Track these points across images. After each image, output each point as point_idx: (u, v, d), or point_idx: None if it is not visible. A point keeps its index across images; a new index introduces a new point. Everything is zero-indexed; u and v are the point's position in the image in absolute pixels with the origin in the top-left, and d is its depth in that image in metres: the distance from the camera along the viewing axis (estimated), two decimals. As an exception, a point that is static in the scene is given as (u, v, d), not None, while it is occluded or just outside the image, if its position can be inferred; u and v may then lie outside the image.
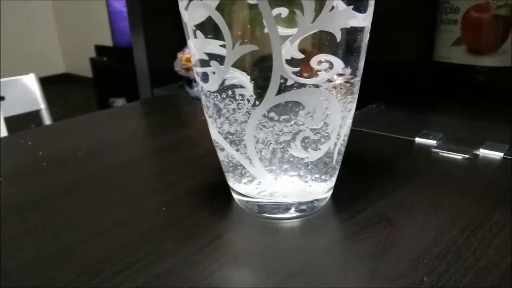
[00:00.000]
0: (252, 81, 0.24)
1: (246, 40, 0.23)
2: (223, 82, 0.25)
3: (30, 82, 0.98)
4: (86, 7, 3.34)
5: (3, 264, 0.25)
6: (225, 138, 0.27)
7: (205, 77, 0.26)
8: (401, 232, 0.26)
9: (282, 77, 0.23)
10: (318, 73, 0.24)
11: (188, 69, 0.62)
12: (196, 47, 0.25)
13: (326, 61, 0.24)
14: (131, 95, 0.86)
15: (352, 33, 0.24)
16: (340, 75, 0.25)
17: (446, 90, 0.58)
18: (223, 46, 0.24)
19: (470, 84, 0.58)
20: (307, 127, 0.25)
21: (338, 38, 0.23)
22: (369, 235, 0.26)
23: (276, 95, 0.24)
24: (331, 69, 0.24)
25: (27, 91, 0.98)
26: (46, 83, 1.29)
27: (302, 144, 0.26)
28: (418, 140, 0.40)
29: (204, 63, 0.26)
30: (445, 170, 0.35)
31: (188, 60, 0.62)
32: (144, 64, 0.69)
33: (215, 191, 0.32)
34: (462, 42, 0.58)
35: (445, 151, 0.37)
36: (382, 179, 0.33)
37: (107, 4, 2.68)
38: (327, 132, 0.26)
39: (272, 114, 0.25)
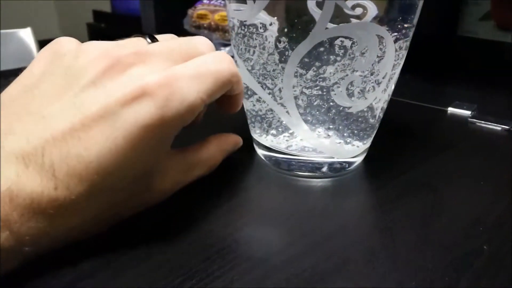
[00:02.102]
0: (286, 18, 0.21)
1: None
2: (258, 15, 0.22)
3: (27, 36, 0.93)
4: (85, -30, 3.23)
5: None
6: (257, 80, 0.24)
7: (239, 8, 0.23)
8: (448, 199, 0.24)
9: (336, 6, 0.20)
10: (350, 19, 0.21)
11: (199, 27, 0.59)
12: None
13: (360, 5, 0.21)
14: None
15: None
16: (396, 19, 0.22)
17: (471, 65, 0.55)
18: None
19: (496, 61, 0.55)
20: (355, 70, 0.22)
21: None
22: (412, 200, 0.23)
23: (326, 29, 0.21)
24: (365, 15, 0.21)
25: (23, 45, 0.93)
26: (40, 46, 1.23)
27: (347, 91, 0.23)
28: (451, 110, 0.37)
29: (240, -10, 0.22)
30: (485, 140, 0.32)
31: (199, 16, 0.58)
32: (152, 20, 0.65)
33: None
34: (491, 17, 0.55)
35: (482, 122, 0.34)
36: (418, 146, 0.30)
37: (108, -32, 2.59)
38: (377, 79, 0.23)
39: (316, 52, 0.21)
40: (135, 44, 0.20)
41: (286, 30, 0.21)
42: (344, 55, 0.21)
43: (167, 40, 0.21)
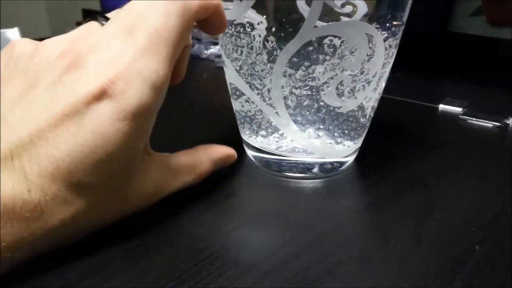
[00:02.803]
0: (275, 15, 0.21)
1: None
2: (247, 13, 0.21)
3: (14, 36, 0.92)
4: (74, -31, 3.19)
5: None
6: (246, 81, 0.23)
7: (226, 6, 0.22)
8: (440, 198, 0.23)
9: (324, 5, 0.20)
10: (340, 17, 0.20)
11: (188, 26, 0.58)
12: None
13: (350, 3, 0.20)
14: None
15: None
16: (385, 17, 0.22)
17: (462, 61, 0.55)
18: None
19: (487, 57, 0.55)
20: (345, 69, 0.21)
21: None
22: (406, 199, 0.23)
23: (314, 27, 0.20)
24: (354, 13, 0.21)
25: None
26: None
27: (336, 91, 0.22)
28: (442, 107, 0.37)
29: (227, -11, 0.22)
30: (476, 137, 0.32)
31: (189, 15, 0.58)
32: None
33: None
34: (482, 12, 0.55)
35: (474, 119, 0.34)
36: (410, 144, 0.30)
37: (97, -33, 2.57)
38: (367, 78, 0.22)
39: (305, 52, 0.21)
40: (87, 31, 0.19)
41: (274, 29, 0.21)
42: (333, 54, 0.21)
43: (114, 14, 0.20)
